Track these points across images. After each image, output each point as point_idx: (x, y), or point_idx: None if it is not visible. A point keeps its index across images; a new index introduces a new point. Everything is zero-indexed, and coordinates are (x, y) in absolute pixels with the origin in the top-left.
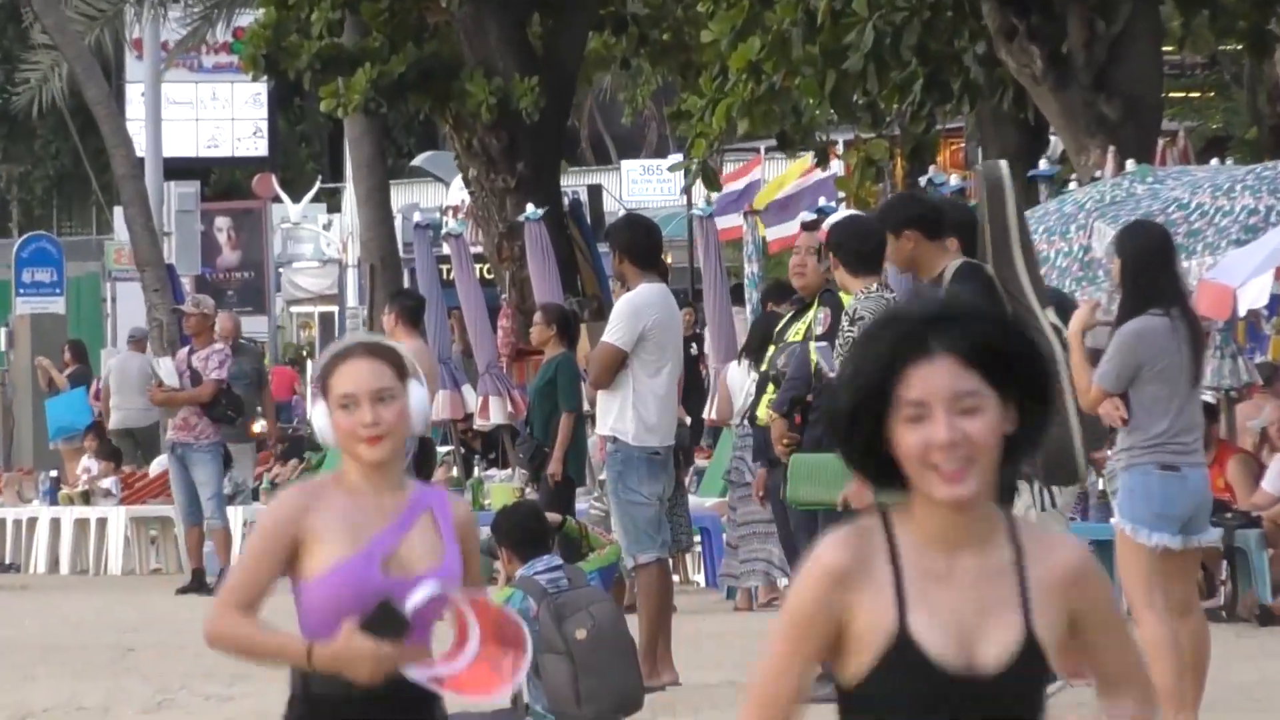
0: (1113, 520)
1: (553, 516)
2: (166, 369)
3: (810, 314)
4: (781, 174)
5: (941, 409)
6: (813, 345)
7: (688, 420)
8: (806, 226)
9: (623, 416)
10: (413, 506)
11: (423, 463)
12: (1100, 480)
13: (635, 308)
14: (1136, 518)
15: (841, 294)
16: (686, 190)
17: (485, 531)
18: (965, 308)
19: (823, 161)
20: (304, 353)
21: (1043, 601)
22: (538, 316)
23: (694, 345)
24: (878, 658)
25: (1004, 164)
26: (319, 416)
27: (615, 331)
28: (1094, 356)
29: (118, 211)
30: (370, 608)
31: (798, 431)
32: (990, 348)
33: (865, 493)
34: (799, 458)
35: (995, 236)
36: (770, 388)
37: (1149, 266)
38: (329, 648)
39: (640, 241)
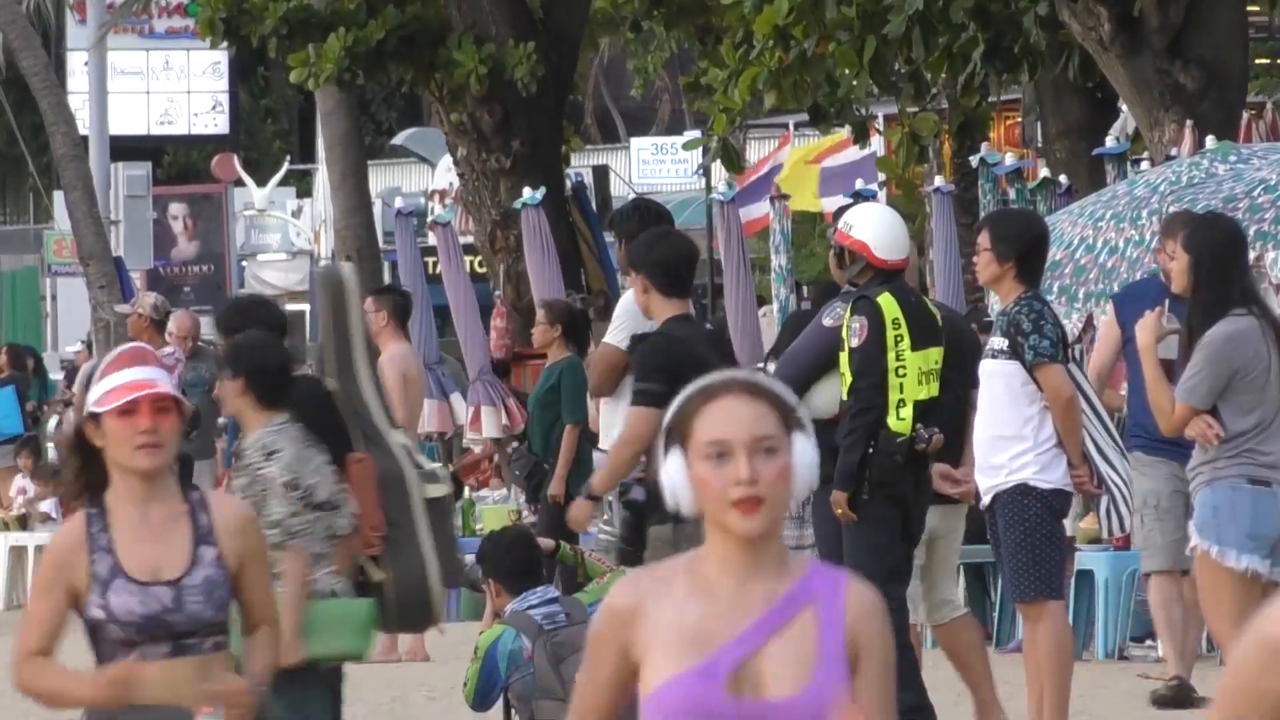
0: (1191, 544)
1: (545, 543)
2: None
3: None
4: (805, 147)
5: None
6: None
7: None
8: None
9: None
10: (790, 598)
11: None
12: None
13: None
14: (1224, 538)
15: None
16: (704, 171)
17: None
18: None
19: (861, 138)
20: None
21: None
22: (541, 315)
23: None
24: None
25: (347, 267)
26: (671, 475)
27: (619, 331)
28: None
29: (58, 197)
30: None
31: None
32: None
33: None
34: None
35: (338, 347)
36: None
37: (1225, 263)
38: None
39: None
